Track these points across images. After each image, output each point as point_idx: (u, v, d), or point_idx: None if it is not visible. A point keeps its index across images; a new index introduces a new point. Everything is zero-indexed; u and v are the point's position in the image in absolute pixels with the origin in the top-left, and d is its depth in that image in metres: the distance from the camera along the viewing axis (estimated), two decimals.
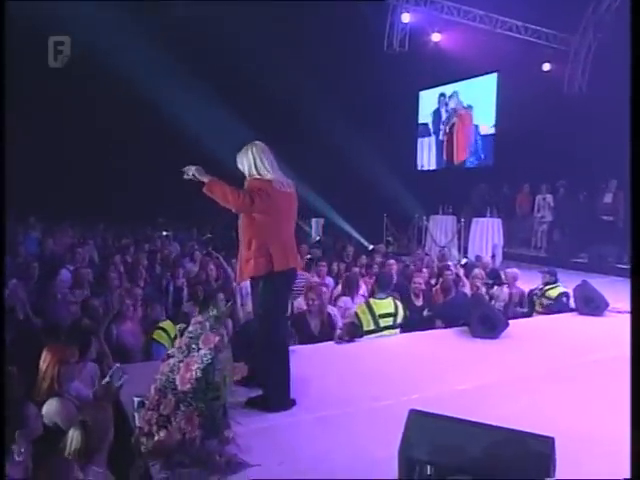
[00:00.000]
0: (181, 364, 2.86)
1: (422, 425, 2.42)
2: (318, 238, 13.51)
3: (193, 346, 2.88)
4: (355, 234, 13.17)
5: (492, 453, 2.26)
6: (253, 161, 3.35)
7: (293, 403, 3.39)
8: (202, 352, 2.83)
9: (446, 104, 15.58)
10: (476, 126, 14.73)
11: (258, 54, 12.95)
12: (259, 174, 3.34)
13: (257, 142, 3.42)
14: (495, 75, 13.88)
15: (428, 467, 2.32)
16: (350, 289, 6.14)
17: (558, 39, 12.96)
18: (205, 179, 3.30)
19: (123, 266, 7.49)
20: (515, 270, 7.22)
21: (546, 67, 13.28)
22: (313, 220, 14.49)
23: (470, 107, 14.92)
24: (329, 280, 6.94)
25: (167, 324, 4.70)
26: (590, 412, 3.40)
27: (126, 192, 14.72)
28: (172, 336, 4.24)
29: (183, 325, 3.22)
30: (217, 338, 2.84)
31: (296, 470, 2.70)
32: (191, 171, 3.32)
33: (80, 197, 13.70)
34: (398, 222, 13.44)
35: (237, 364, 2.87)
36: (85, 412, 2.59)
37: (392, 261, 7.96)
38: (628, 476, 2.11)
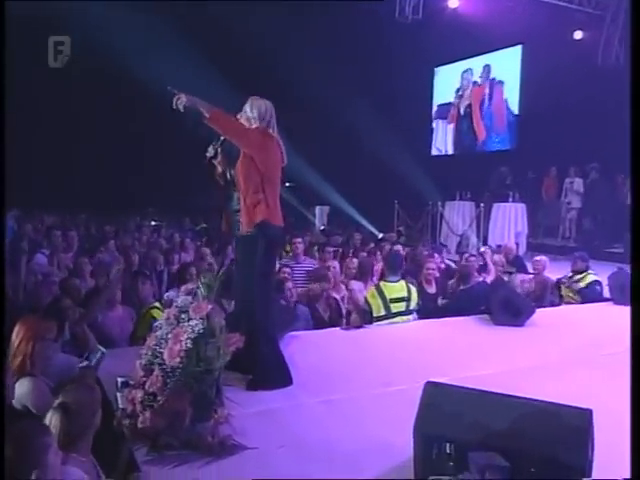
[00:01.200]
0: (169, 336, 2.81)
1: (440, 398, 2.36)
2: (323, 227, 13.51)
3: (183, 316, 2.84)
4: (364, 222, 13.19)
5: (521, 427, 2.20)
6: (267, 114, 3.58)
7: (290, 381, 3.47)
8: (193, 322, 2.78)
9: (468, 80, 15.44)
10: (505, 103, 14.46)
11: (259, 28, 13.24)
12: (269, 127, 3.57)
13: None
14: (519, 48, 13.74)
15: (447, 445, 2.26)
16: (363, 274, 6.15)
17: (592, 2, 12.14)
18: (204, 108, 3.36)
19: (107, 253, 7.53)
20: (543, 257, 7.16)
21: (578, 35, 12.64)
22: (317, 208, 14.50)
23: (496, 81, 14.66)
24: (335, 264, 6.95)
25: (158, 304, 4.71)
26: (624, 404, 3.32)
27: (112, 180, 15.24)
28: None
29: (172, 293, 3.16)
30: (209, 306, 2.80)
31: (299, 454, 2.65)
32: (182, 99, 3.35)
33: (61, 185, 14.04)
34: (410, 210, 13.38)
35: (232, 334, 2.81)
36: (66, 393, 2.50)
37: (399, 247, 7.94)
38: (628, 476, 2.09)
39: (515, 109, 14.06)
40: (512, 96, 14.16)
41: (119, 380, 3.05)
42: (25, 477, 1.82)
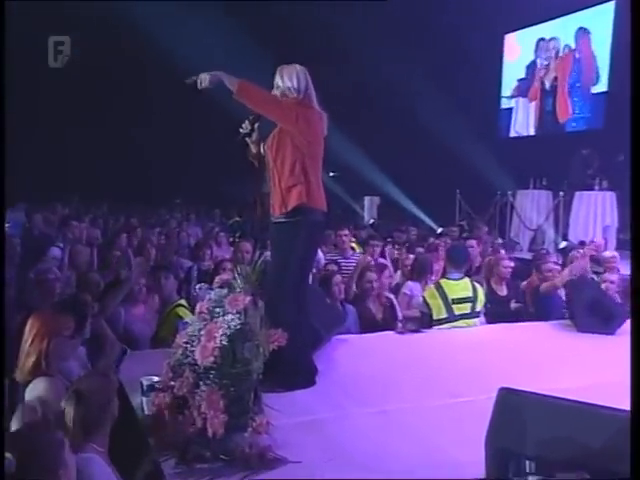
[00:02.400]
0: (202, 332, 2.84)
1: (517, 408, 2.31)
2: (372, 221, 13.50)
3: (217, 310, 2.87)
4: (421, 215, 13.25)
5: (614, 443, 2.12)
6: (303, 83, 3.61)
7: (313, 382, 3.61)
8: (229, 316, 2.80)
9: (551, 48, 15.00)
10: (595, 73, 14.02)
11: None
12: (309, 100, 3.61)
13: None
14: (612, 4, 13.20)
15: (526, 462, 2.21)
16: (420, 273, 6.12)
17: None
18: (230, 82, 3.41)
19: (130, 248, 7.72)
20: (615, 254, 7.10)
21: None
22: (366, 198, 14.51)
23: (583, 48, 14.21)
24: (387, 262, 7.04)
25: (185, 302, 4.85)
26: None
27: (136, 171, 15.98)
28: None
29: (204, 285, 3.20)
30: (247, 299, 2.81)
31: (348, 470, 2.64)
32: (205, 80, 3.42)
33: (80, 176, 14.70)
34: (475, 201, 13.24)
35: (273, 330, 2.82)
36: (79, 381, 2.60)
37: (473, 242, 7.88)
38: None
39: (605, 82, 13.62)
40: (603, 66, 13.66)
41: (144, 382, 3.09)
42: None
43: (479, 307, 5.21)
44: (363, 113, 15.33)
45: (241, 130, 3.75)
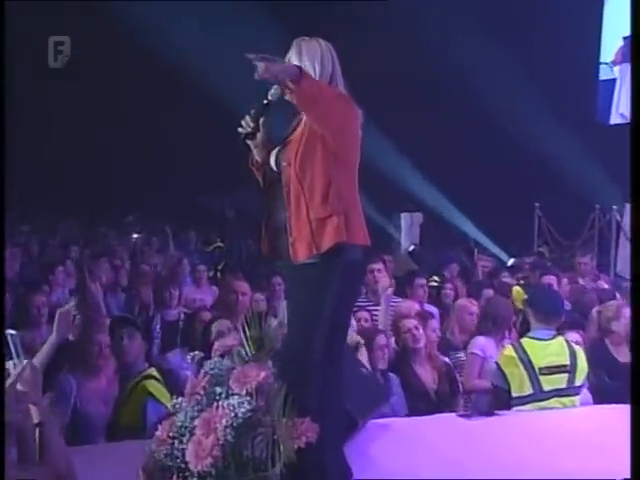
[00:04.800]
0: (195, 422, 2.90)
1: None
2: (413, 247, 13.51)
3: (218, 389, 2.93)
4: (482, 239, 13.33)
5: None
6: (330, 64, 3.68)
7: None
8: (234, 399, 2.86)
9: None
10: None
11: None
12: (340, 88, 3.69)
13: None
14: None
15: None
16: (494, 326, 6.18)
17: None
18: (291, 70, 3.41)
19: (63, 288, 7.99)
20: None
21: None
22: (403, 215, 14.48)
23: None
24: (433, 310, 7.20)
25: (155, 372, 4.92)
26: None
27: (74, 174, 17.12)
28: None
29: (198, 353, 3.27)
30: (262, 374, 2.86)
31: None
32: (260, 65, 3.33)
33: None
34: (562, 218, 13.26)
35: (300, 419, 2.87)
36: None
37: (552, 277, 7.98)
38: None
39: None
40: None
41: None
42: None
43: (580, 380, 5.20)
44: (395, 95, 15.43)
45: (241, 130, 3.68)
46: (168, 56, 14.65)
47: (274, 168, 3.73)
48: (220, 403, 2.89)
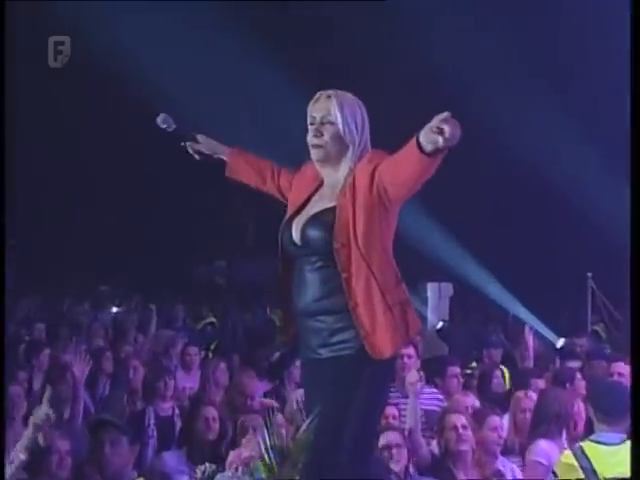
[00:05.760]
0: None
1: None
2: (441, 324, 13.32)
3: None
4: (525, 315, 13.12)
5: None
6: (363, 124, 3.84)
7: None
8: None
9: None
10: None
11: None
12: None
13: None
14: None
15: None
16: (552, 425, 6.07)
17: None
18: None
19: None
20: None
21: None
22: (430, 286, 14.32)
23: None
24: (473, 401, 7.11)
25: None
26: None
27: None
28: None
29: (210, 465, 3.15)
30: None
31: None
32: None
33: None
34: (618, 290, 13.07)
35: None
36: None
37: (620, 364, 7.74)
38: None
39: None
40: None
41: None
42: None
43: None
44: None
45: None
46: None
47: (298, 243, 3.78)
48: None
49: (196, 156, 4.37)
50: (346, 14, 16.49)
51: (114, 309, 13.29)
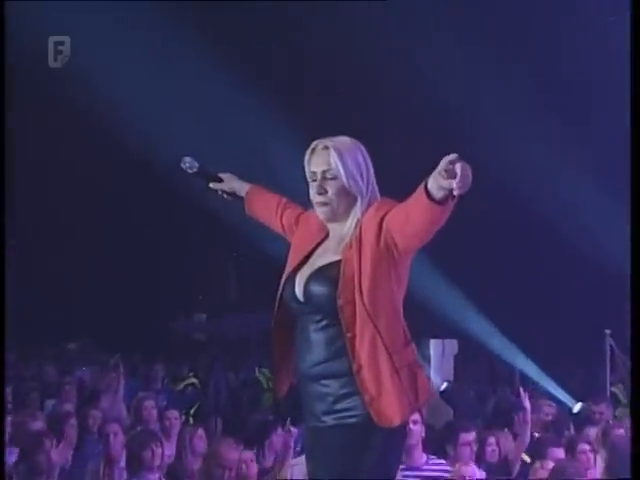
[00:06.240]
0: None
1: None
2: (445, 385, 13.24)
3: None
4: (536, 376, 13.07)
5: None
6: (367, 169, 3.85)
7: None
8: None
9: None
10: None
11: None
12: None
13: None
14: None
15: None
16: None
17: None
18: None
19: None
20: None
21: None
22: (433, 343, 14.18)
23: None
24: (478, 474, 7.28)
25: None
26: None
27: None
28: None
29: None
30: None
31: None
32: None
33: None
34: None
35: None
36: None
37: None
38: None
39: None
40: None
41: None
42: None
43: None
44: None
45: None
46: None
47: (300, 299, 3.78)
48: None
49: (225, 196, 4.54)
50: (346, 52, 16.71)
51: (84, 369, 13.19)
